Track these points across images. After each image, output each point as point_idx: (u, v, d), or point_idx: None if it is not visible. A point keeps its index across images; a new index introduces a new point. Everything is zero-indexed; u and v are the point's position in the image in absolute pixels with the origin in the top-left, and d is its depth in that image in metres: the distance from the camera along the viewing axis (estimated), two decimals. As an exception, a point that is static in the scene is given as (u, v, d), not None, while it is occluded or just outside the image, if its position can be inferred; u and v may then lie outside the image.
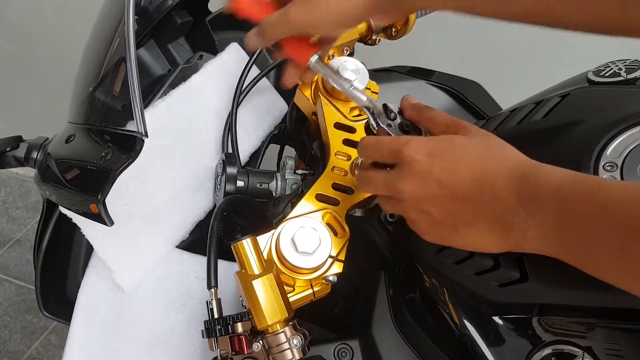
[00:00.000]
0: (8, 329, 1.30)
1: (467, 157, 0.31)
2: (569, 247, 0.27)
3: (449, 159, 0.31)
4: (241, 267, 0.38)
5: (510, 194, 0.29)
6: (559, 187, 0.27)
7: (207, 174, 0.58)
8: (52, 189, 0.42)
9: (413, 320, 0.42)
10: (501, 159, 0.30)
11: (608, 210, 0.25)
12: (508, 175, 0.29)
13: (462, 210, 0.31)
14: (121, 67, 0.37)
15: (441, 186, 0.31)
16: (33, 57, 1.37)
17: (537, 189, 0.28)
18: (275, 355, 0.36)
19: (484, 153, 0.31)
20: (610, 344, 0.34)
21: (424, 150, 0.32)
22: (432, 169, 0.31)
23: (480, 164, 0.30)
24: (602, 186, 0.26)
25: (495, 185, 0.29)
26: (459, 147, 0.31)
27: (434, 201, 0.32)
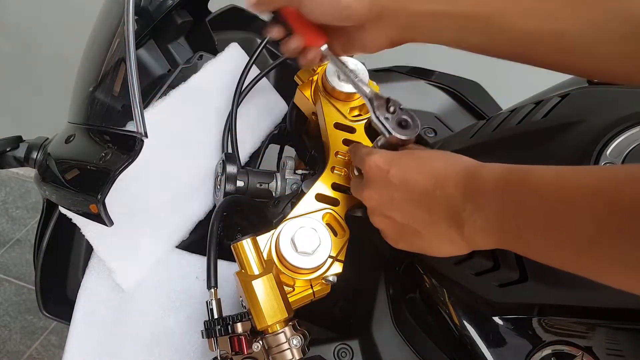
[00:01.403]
0: (8, 329, 1.30)
1: (419, 164, 0.34)
2: (512, 234, 0.28)
3: (403, 166, 0.34)
4: (241, 267, 0.38)
5: (458, 191, 0.31)
6: (497, 179, 0.29)
7: (207, 174, 0.58)
8: (52, 189, 0.42)
9: (413, 320, 0.42)
10: (449, 163, 0.33)
11: (536, 192, 0.27)
12: (455, 175, 0.31)
13: (420, 211, 0.33)
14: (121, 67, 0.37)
15: (398, 191, 0.34)
16: (33, 57, 1.37)
17: (480, 184, 0.30)
18: (275, 355, 0.36)
19: (433, 160, 0.34)
20: (611, 343, 0.34)
21: (383, 160, 0.35)
22: (388, 176, 0.34)
23: (430, 168, 0.33)
24: (531, 171, 0.28)
25: (445, 185, 0.32)
26: (413, 157, 0.34)
27: (394, 206, 0.34)
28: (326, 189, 0.44)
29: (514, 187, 0.28)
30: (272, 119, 0.66)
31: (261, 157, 0.63)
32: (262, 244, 0.40)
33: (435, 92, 0.59)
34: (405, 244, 0.36)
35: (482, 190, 0.30)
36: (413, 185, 0.33)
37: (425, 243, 0.34)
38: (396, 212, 0.34)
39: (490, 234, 0.29)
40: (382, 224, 0.36)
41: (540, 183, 0.27)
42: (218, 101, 0.60)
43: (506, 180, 0.29)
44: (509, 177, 0.29)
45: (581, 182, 0.25)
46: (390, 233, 0.36)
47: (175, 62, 0.66)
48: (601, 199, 0.24)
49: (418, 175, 0.33)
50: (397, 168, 0.34)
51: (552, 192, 0.26)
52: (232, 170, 0.53)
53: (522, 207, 0.28)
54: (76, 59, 0.49)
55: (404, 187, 0.33)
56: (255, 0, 0.38)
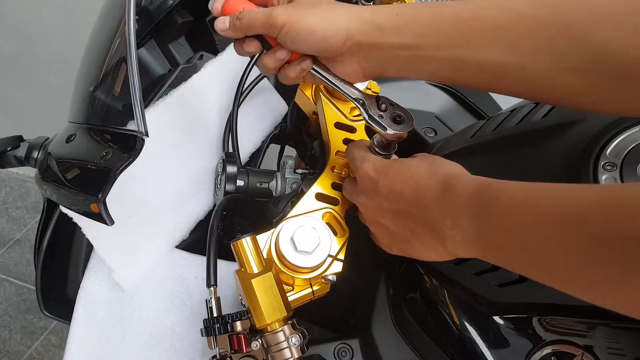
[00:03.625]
0: (8, 329, 1.30)
1: (405, 174, 0.34)
2: (491, 250, 0.29)
3: (391, 177, 0.35)
4: (240, 265, 0.38)
5: (437, 205, 0.31)
6: (470, 195, 0.30)
7: (208, 173, 0.58)
8: (52, 188, 0.42)
9: (413, 320, 0.42)
10: (431, 174, 0.33)
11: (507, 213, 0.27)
12: (434, 188, 0.32)
13: (407, 222, 0.34)
14: (122, 67, 0.37)
15: (386, 201, 0.35)
16: (33, 57, 1.37)
17: (455, 198, 0.30)
18: (274, 353, 0.36)
19: (419, 170, 0.34)
20: (611, 342, 0.34)
21: (373, 167, 0.36)
22: (377, 186, 0.35)
23: (414, 180, 0.33)
24: (502, 189, 0.28)
25: (425, 198, 0.32)
26: (402, 167, 0.35)
27: (384, 214, 0.36)
28: (326, 189, 0.44)
29: (485, 204, 0.29)
30: (273, 119, 0.66)
31: (262, 156, 0.63)
32: (261, 243, 0.40)
33: (435, 92, 0.59)
34: (397, 250, 0.37)
35: (457, 205, 0.30)
36: (399, 197, 0.34)
37: (414, 250, 0.35)
38: (387, 221, 0.36)
39: (470, 248, 0.30)
40: (374, 229, 0.38)
41: (511, 204, 0.27)
42: (219, 101, 0.61)
43: (478, 197, 0.29)
44: (481, 195, 0.29)
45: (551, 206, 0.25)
46: (383, 239, 0.38)
47: (176, 62, 0.66)
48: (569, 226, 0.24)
49: (404, 187, 0.34)
50: (385, 178, 0.35)
51: (522, 214, 0.27)
52: (232, 170, 0.53)
53: (495, 226, 0.28)
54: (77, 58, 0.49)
55: (391, 198, 0.35)
56: (228, 27, 0.38)
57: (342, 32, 0.35)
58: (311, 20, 0.35)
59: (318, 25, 0.35)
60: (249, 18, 0.37)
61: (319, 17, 0.35)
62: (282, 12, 0.36)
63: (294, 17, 0.35)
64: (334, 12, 0.35)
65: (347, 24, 0.35)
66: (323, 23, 0.35)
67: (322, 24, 0.35)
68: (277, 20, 0.36)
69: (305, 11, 0.36)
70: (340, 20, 0.35)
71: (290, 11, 0.36)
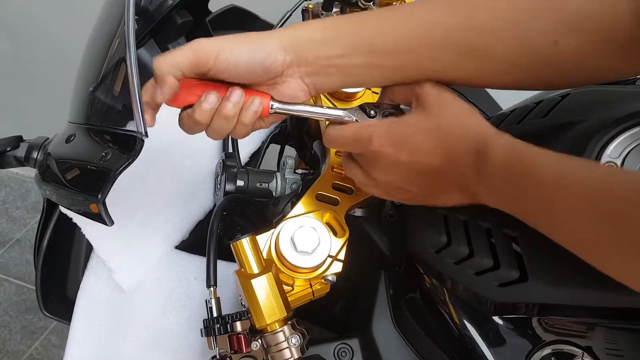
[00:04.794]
0: (8, 329, 1.30)
1: (429, 141, 0.34)
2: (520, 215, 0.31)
3: (413, 146, 0.34)
4: (240, 266, 0.38)
5: (472, 171, 0.32)
6: (503, 164, 0.31)
7: (207, 174, 0.58)
8: (52, 188, 0.42)
9: (413, 320, 0.42)
10: (457, 140, 0.33)
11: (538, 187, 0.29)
12: (466, 154, 0.33)
13: (436, 182, 0.35)
14: (121, 67, 0.37)
15: (413, 170, 0.34)
16: (33, 57, 1.37)
17: (488, 166, 0.31)
18: (274, 354, 0.36)
19: (443, 133, 0.34)
20: (611, 343, 0.34)
21: (388, 142, 0.34)
22: (400, 159, 0.34)
23: (442, 145, 0.33)
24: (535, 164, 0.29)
25: (459, 163, 0.33)
26: (420, 132, 0.34)
27: (411, 182, 0.35)
28: (326, 189, 0.44)
29: (518, 176, 0.30)
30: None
31: (261, 157, 0.63)
32: (261, 243, 0.40)
33: (435, 92, 0.58)
34: (414, 202, 0.37)
35: (491, 173, 0.31)
36: (427, 166, 0.34)
37: (438, 202, 0.36)
38: (411, 184, 0.35)
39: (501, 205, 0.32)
40: (394, 193, 0.37)
41: (544, 179, 0.29)
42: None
43: (511, 168, 0.31)
44: (514, 166, 0.30)
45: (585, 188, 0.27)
46: (401, 199, 0.37)
47: (176, 62, 0.66)
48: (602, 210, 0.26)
49: (430, 156, 0.33)
50: (408, 150, 0.34)
51: (555, 192, 0.28)
52: (232, 170, 0.53)
53: (527, 197, 0.30)
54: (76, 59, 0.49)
55: (417, 166, 0.34)
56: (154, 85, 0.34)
57: (278, 49, 0.34)
58: (245, 44, 0.34)
59: (254, 46, 0.34)
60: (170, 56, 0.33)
61: (252, 41, 0.34)
62: (209, 41, 0.34)
63: (225, 44, 0.34)
64: (262, 36, 0.35)
65: (281, 42, 0.34)
66: (258, 44, 0.34)
67: (258, 45, 0.34)
68: (209, 48, 0.33)
69: (234, 39, 0.34)
70: (272, 40, 0.34)
71: (217, 40, 0.34)
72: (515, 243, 0.36)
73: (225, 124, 0.36)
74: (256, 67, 0.34)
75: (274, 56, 0.34)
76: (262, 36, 0.35)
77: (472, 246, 0.37)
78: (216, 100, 0.35)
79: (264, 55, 0.34)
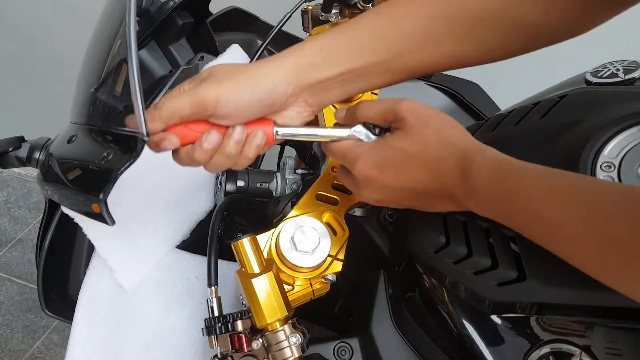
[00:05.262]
0: (10, 328, 1.31)
1: (413, 163, 0.34)
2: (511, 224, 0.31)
3: (398, 169, 0.34)
4: (241, 265, 0.38)
5: (460, 188, 0.33)
6: (489, 183, 0.31)
7: (208, 174, 0.58)
8: (54, 188, 0.42)
9: (412, 319, 0.42)
10: (442, 159, 0.33)
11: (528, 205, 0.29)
12: (452, 174, 0.33)
13: (427, 197, 0.35)
14: (123, 68, 0.37)
15: (400, 190, 0.35)
16: (35, 58, 1.38)
17: (475, 185, 0.32)
18: (275, 353, 0.36)
19: (427, 155, 0.34)
20: (609, 342, 0.34)
21: (372, 165, 0.35)
22: (386, 181, 0.35)
23: (427, 166, 0.34)
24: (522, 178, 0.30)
25: (445, 182, 0.34)
26: (403, 155, 0.34)
27: (402, 198, 0.36)
28: (326, 189, 0.44)
29: (505, 194, 0.30)
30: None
31: (262, 157, 0.63)
32: (262, 243, 0.40)
33: (434, 93, 0.59)
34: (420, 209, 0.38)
35: (478, 192, 0.32)
36: (415, 185, 0.35)
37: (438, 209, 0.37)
38: (404, 201, 0.36)
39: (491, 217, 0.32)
40: (392, 206, 0.38)
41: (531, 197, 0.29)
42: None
43: (498, 188, 0.31)
44: (501, 185, 0.31)
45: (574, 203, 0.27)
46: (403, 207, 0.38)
47: (177, 63, 0.66)
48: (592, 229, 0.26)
49: (416, 177, 0.34)
50: (393, 173, 0.34)
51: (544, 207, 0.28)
52: (233, 171, 0.53)
53: (517, 213, 0.30)
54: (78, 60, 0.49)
55: (405, 186, 0.35)
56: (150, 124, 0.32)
57: (279, 83, 0.33)
58: (245, 85, 0.33)
59: (255, 86, 0.33)
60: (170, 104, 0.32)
61: (252, 80, 0.33)
62: (206, 89, 0.32)
63: (224, 90, 0.32)
64: (262, 72, 0.33)
65: (282, 75, 0.34)
66: (259, 83, 0.33)
67: (258, 84, 0.33)
68: (207, 96, 0.32)
69: (233, 82, 0.33)
70: (272, 75, 0.33)
71: (216, 86, 0.32)
72: (513, 243, 0.36)
73: (226, 161, 0.34)
74: (259, 105, 0.33)
75: (277, 91, 0.33)
76: (262, 73, 0.33)
77: (471, 246, 0.37)
78: (217, 140, 0.33)
79: (266, 92, 0.33)
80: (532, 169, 0.30)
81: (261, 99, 0.33)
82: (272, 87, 0.33)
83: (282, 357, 0.36)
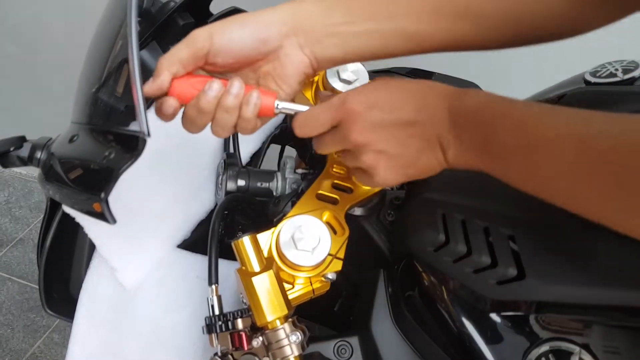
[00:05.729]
0: (11, 328, 1.31)
1: (401, 97, 0.34)
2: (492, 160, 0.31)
3: (385, 104, 0.34)
4: (241, 264, 0.38)
5: (445, 116, 0.33)
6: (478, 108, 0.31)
7: (209, 173, 0.58)
8: (55, 188, 0.43)
9: (412, 317, 0.42)
10: (432, 90, 0.34)
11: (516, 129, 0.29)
12: (442, 101, 0.33)
13: (412, 135, 0.34)
14: (124, 69, 0.37)
15: (387, 126, 0.34)
16: (36, 59, 1.38)
17: (464, 110, 0.32)
18: (275, 351, 0.36)
19: (413, 88, 0.35)
20: (608, 340, 0.34)
21: (361, 102, 0.35)
22: (373, 117, 0.34)
23: (413, 98, 0.34)
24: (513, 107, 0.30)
25: (435, 110, 0.33)
26: (390, 90, 0.35)
27: (386, 137, 0.34)
28: (326, 188, 0.44)
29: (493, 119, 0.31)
30: (272, 120, 0.66)
31: (262, 157, 0.63)
32: (262, 242, 0.40)
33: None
34: (397, 175, 0.36)
35: (465, 115, 0.32)
36: (405, 116, 0.34)
37: (417, 170, 0.35)
38: (389, 145, 0.35)
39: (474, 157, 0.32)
40: (374, 160, 0.36)
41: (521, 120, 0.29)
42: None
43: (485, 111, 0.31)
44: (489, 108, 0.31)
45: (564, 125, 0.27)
46: (383, 167, 0.36)
47: (177, 63, 0.66)
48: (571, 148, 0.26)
49: (403, 110, 0.34)
50: (383, 101, 0.34)
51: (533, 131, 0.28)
52: (234, 170, 0.53)
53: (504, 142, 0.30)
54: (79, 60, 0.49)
55: (393, 118, 0.34)
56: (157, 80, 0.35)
57: (274, 22, 0.35)
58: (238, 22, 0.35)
59: (249, 23, 0.35)
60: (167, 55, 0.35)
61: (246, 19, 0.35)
62: (201, 28, 0.34)
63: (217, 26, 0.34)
64: (257, 13, 0.35)
65: (277, 16, 0.35)
66: (252, 20, 0.35)
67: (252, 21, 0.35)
68: (201, 33, 0.34)
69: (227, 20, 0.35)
70: (267, 15, 0.35)
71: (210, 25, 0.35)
72: (512, 241, 0.36)
73: (227, 117, 0.36)
74: (252, 41, 0.35)
75: (270, 29, 0.35)
76: (257, 13, 0.35)
77: (470, 244, 0.37)
78: (220, 88, 0.35)
79: (260, 29, 0.35)
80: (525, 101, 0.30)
81: (254, 34, 0.34)
82: (267, 24, 0.35)
83: (282, 355, 0.36)
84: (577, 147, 0.26)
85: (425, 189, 0.42)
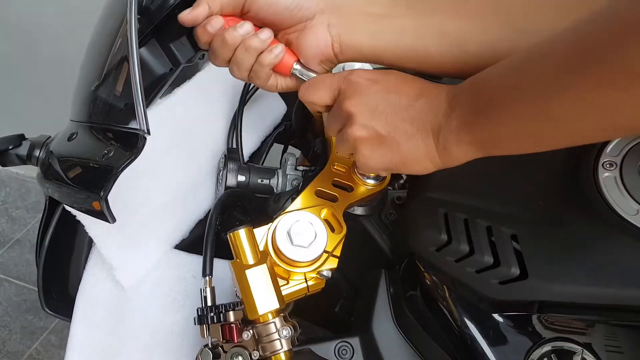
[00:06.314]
0: (8, 329, 1.30)
1: (405, 79, 0.36)
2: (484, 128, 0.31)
3: (389, 83, 0.35)
4: (236, 256, 0.38)
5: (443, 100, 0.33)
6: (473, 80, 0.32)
7: (209, 172, 0.58)
8: (54, 186, 0.42)
9: (413, 318, 0.42)
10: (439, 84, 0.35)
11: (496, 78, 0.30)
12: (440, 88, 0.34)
13: (403, 122, 0.34)
14: (124, 66, 0.37)
15: (384, 101, 0.35)
16: (34, 56, 1.37)
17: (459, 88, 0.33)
18: (264, 344, 0.36)
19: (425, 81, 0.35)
20: (610, 340, 0.34)
21: (366, 76, 0.36)
22: (375, 87, 0.35)
23: (424, 85, 0.35)
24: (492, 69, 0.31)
25: (430, 94, 0.34)
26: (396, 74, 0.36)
27: (377, 115, 0.35)
28: (326, 185, 0.44)
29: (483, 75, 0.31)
30: (272, 120, 0.66)
31: (265, 154, 0.63)
32: (259, 236, 0.40)
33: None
34: (380, 158, 0.35)
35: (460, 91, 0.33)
36: (400, 96, 0.34)
37: (401, 157, 0.35)
38: (378, 122, 0.34)
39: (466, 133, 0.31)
40: (360, 133, 0.35)
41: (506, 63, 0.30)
42: (221, 100, 0.61)
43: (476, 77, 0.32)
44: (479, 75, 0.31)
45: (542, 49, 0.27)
46: (368, 145, 0.35)
47: (177, 61, 0.66)
48: (558, 52, 0.26)
49: (406, 87, 0.35)
50: (386, 81, 0.35)
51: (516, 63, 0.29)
52: (234, 165, 0.53)
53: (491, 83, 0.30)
54: (77, 58, 0.49)
55: (391, 97, 0.35)
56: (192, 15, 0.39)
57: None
58: None
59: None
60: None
61: None
62: None
63: None
64: None
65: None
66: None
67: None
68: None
69: None
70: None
71: None
72: (515, 241, 0.36)
73: (246, 57, 0.38)
74: (289, 2, 0.37)
75: None
76: None
77: (473, 244, 0.37)
78: (250, 29, 0.38)
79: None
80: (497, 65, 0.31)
81: None
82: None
83: (271, 349, 0.36)
84: (564, 49, 0.26)
85: (427, 188, 0.42)
